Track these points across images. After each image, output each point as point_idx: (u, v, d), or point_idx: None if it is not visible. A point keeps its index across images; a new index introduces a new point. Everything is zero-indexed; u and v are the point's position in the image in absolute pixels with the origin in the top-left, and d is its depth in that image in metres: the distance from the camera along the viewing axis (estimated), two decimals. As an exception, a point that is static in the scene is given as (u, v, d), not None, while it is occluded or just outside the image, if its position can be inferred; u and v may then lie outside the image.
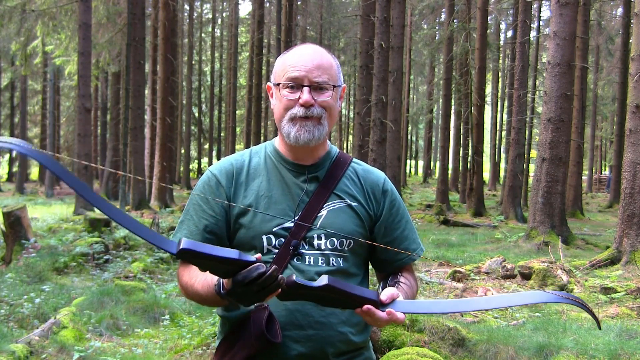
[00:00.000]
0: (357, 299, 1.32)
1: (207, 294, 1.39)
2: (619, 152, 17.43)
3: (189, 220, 1.55)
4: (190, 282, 1.46)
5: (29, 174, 37.25)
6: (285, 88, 1.51)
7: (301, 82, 1.49)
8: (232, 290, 1.25)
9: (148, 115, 19.69)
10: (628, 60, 12.78)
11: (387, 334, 3.98)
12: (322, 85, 1.50)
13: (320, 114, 1.50)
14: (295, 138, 1.50)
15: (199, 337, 4.54)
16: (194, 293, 1.44)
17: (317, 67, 1.50)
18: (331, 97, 1.52)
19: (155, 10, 18.80)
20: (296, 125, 1.50)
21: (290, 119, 1.50)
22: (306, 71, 1.49)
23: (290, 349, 1.46)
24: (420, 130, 47.05)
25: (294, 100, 1.50)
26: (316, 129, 1.50)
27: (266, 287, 1.22)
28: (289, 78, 1.50)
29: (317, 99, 1.50)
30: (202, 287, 1.40)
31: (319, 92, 1.50)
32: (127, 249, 8.60)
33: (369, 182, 1.62)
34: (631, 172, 7.71)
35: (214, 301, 1.39)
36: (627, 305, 5.55)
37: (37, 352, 4.08)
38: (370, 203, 1.59)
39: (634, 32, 8.15)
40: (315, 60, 1.51)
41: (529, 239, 9.89)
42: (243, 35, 36.54)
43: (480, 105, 17.19)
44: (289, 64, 1.52)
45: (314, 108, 1.49)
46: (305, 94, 1.48)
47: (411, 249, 1.62)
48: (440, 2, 25.82)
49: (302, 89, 1.49)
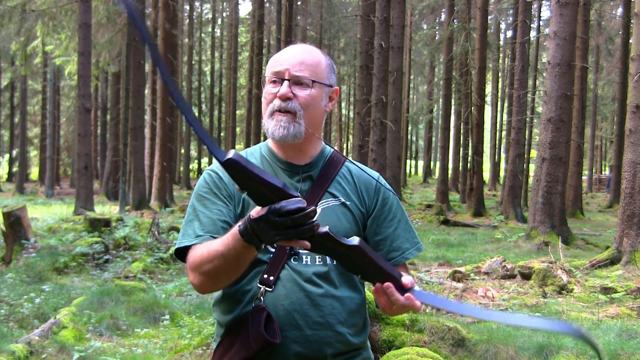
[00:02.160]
0: (381, 272, 1.29)
1: (227, 244, 1.30)
2: (619, 152, 17.42)
3: (200, 213, 1.50)
4: (207, 249, 1.38)
5: (29, 174, 37.25)
6: (269, 83, 1.51)
7: (282, 76, 1.48)
8: (264, 217, 1.19)
9: (148, 115, 19.69)
10: (628, 60, 12.78)
11: (387, 334, 3.98)
12: (302, 79, 1.48)
13: (295, 110, 1.48)
14: (272, 133, 1.49)
15: (199, 337, 4.54)
16: (213, 256, 1.34)
17: (301, 62, 1.49)
18: (310, 94, 1.49)
19: (155, 10, 18.79)
20: (274, 120, 1.49)
21: (270, 113, 1.50)
22: (288, 64, 1.49)
23: (289, 349, 1.45)
24: (420, 130, 47.04)
25: (274, 93, 1.49)
26: (291, 125, 1.48)
27: (299, 226, 1.17)
28: (272, 72, 1.50)
29: (296, 93, 1.48)
30: (222, 243, 1.33)
31: (299, 87, 1.49)
32: (127, 249, 8.59)
33: (363, 180, 1.61)
34: (631, 172, 7.70)
35: (236, 250, 1.29)
36: (627, 305, 5.55)
37: (37, 352, 4.08)
38: (363, 201, 1.59)
39: (634, 32, 8.15)
40: (300, 56, 1.50)
41: (529, 239, 9.89)
42: (243, 35, 36.53)
43: (480, 105, 17.18)
44: (275, 59, 1.52)
45: (290, 102, 1.48)
46: (283, 87, 1.47)
47: (403, 248, 1.59)
48: (440, 2, 25.82)
49: (282, 82, 1.48)
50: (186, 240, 1.48)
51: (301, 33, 27.88)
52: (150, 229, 9.40)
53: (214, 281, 1.40)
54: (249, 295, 1.48)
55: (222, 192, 1.52)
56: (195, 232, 1.48)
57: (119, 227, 9.74)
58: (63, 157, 35.84)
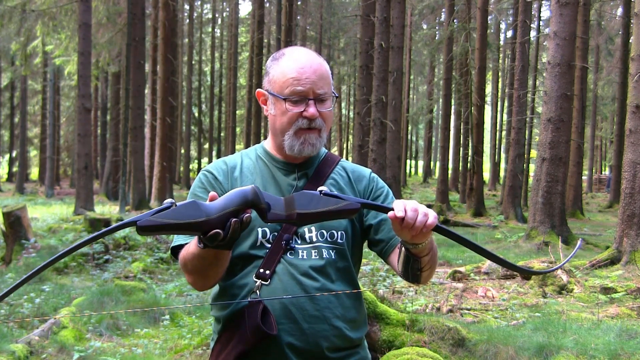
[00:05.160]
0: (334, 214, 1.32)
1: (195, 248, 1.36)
2: (619, 152, 17.41)
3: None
4: (189, 248, 1.42)
5: (29, 174, 37.25)
6: (289, 102, 1.53)
7: (307, 96, 1.52)
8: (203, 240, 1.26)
9: (148, 115, 19.68)
10: (628, 60, 12.78)
11: (387, 334, 3.99)
12: (325, 97, 1.54)
13: (321, 126, 1.55)
14: (300, 151, 1.55)
15: (199, 337, 4.54)
16: (192, 255, 1.39)
17: (320, 78, 1.53)
18: (331, 109, 1.57)
19: (155, 10, 18.79)
20: (300, 138, 1.54)
21: (295, 132, 1.54)
22: (311, 84, 1.51)
23: (285, 342, 1.46)
24: (420, 130, 47.04)
25: (298, 113, 1.52)
26: (317, 141, 1.56)
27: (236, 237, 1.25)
28: (295, 92, 1.52)
29: (320, 111, 1.54)
30: (193, 245, 1.38)
31: (321, 103, 1.54)
32: (127, 249, 8.59)
33: (357, 173, 1.67)
34: (631, 172, 7.70)
35: (207, 252, 1.34)
36: (627, 305, 5.55)
37: (37, 352, 4.08)
38: (357, 192, 1.64)
39: (634, 32, 8.15)
40: (318, 71, 1.53)
41: (529, 239, 9.89)
42: (243, 35, 36.52)
43: (480, 105, 17.19)
44: (292, 76, 1.52)
45: (317, 120, 1.54)
46: (311, 108, 1.52)
47: None
48: (440, 2, 25.82)
49: (306, 101, 1.52)
50: (181, 239, 1.52)
51: (301, 33, 27.88)
52: (150, 229, 9.40)
53: (203, 277, 1.45)
54: (246, 289, 1.51)
55: (217, 191, 1.56)
56: None
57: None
58: (63, 157, 35.84)
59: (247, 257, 1.52)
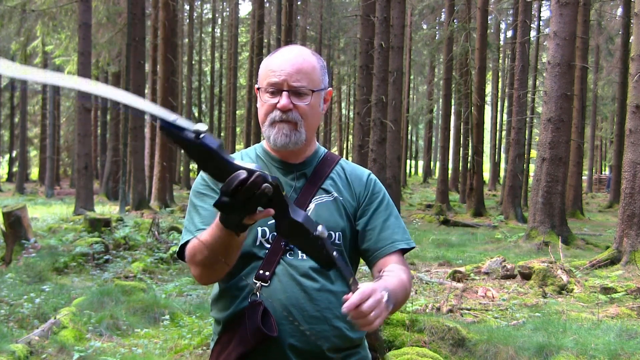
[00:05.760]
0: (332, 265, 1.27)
1: (213, 233, 1.33)
2: (619, 152, 17.42)
3: (200, 208, 1.54)
4: (198, 240, 1.40)
5: (29, 174, 37.25)
6: (266, 93, 1.53)
7: (280, 87, 1.50)
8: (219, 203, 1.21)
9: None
10: (628, 60, 12.78)
11: (387, 334, 3.99)
12: (301, 90, 1.51)
13: (296, 120, 1.51)
14: (274, 141, 1.53)
15: (199, 337, 4.54)
16: (203, 246, 1.37)
17: (297, 71, 1.50)
18: (309, 103, 1.52)
19: (155, 10, 18.79)
20: (275, 128, 1.52)
21: (270, 123, 1.53)
22: (286, 75, 1.50)
23: (285, 343, 1.46)
24: (420, 130, 47.04)
25: (273, 104, 1.51)
26: (293, 134, 1.52)
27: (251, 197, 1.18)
28: (269, 83, 1.52)
29: (296, 104, 1.51)
30: (208, 233, 1.36)
31: (298, 97, 1.51)
32: (127, 249, 8.59)
33: (355, 176, 1.65)
34: (631, 172, 7.71)
35: (220, 238, 1.31)
36: (627, 305, 5.55)
37: (37, 352, 4.08)
38: (354, 194, 1.62)
39: (634, 32, 8.15)
40: (296, 64, 1.51)
41: (529, 239, 9.89)
42: (243, 35, 36.53)
43: (480, 105, 17.19)
44: (270, 68, 1.53)
45: (291, 113, 1.51)
46: (283, 99, 1.49)
47: (393, 238, 1.59)
48: (440, 2, 25.83)
49: (281, 93, 1.50)
50: (188, 235, 1.51)
51: (301, 33, 27.89)
52: (150, 229, 9.40)
53: (210, 270, 1.43)
54: (245, 291, 1.50)
55: (219, 187, 1.54)
56: (196, 225, 1.52)
57: (119, 227, 9.74)
58: (63, 157, 35.84)
59: (247, 255, 1.51)
